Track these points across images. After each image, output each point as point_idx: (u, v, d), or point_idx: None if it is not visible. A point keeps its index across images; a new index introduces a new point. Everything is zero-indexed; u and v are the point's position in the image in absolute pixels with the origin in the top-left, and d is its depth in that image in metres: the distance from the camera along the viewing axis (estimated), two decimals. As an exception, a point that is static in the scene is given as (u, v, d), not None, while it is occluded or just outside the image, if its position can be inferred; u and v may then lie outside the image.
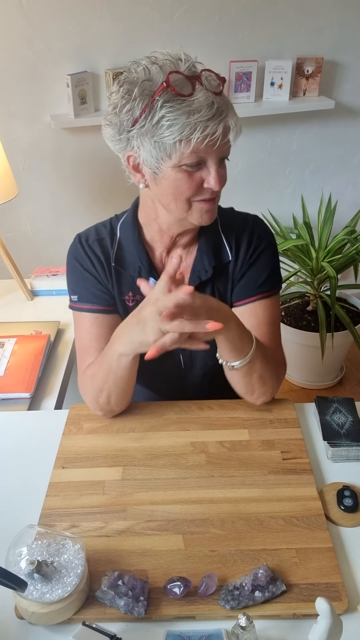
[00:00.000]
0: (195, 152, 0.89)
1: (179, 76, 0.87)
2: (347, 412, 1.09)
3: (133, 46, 2.10)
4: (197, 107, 0.85)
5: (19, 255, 1.82)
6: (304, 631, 0.74)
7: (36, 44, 2.05)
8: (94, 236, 1.10)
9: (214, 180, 0.92)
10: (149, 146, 0.90)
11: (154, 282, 1.04)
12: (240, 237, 1.09)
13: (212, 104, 0.86)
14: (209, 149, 0.89)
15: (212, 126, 0.86)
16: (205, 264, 1.08)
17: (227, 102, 0.89)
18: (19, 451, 1.06)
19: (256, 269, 1.10)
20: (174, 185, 0.94)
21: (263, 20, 2.18)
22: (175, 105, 0.86)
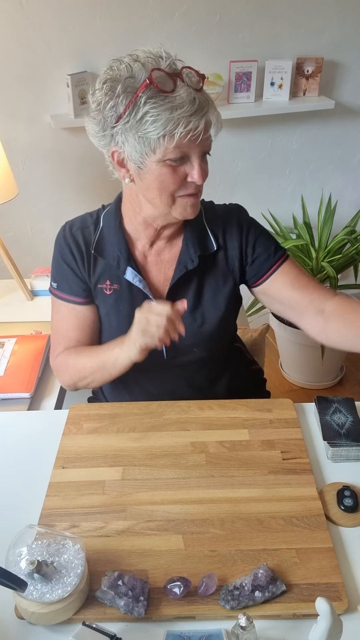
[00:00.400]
0: (178, 147, 0.91)
1: (160, 73, 0.89)
2: (347, 412, 1.09)
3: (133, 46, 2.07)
4: (180, 102, 0.88)
5: (19, 255, 1.82)
6: (304, 631, 0.74)
7: (36, 44, 2.05)
8: (79, 224, 1.14)
9: (197, 174, 0.95)
10: (133, 141, 0.93)
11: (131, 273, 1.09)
12: (227, 226, 1.13)
13: (194, 100, 0.89)
14: (191, 144, 0.92)
15: (195, 121, 0.89)
16: (191, 254, 1.10)
17: (207, 98, 0.92)
18: (19, 451, 1.06)
19: (260, 245, 1.13)
20: (158, 180, 0.96)
21: (263, 20, 2.18)
22: (158, 101, 0.88)
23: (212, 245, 1.12)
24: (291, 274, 1.13)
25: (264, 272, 1.14)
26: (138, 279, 1.09)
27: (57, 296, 1.16)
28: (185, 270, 1.10)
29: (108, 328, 1.16)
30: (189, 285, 1.12)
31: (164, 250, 1.12)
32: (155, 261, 1.13)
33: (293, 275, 1.13)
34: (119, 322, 1.13)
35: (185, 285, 1.12)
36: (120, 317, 1.12)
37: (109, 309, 1.13)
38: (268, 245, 1.14)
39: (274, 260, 1.13)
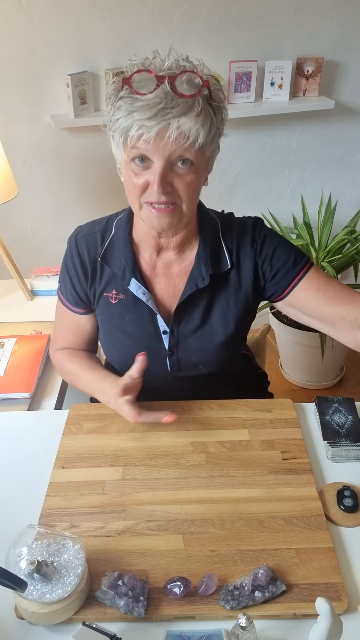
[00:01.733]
0: (136, 149, 0.90)
1: (147, 75, 0.87)
2: (347, 412, 1.09)
3: (133, 46, 2.10)
4: (140, 106, 0.87)
5: (19, 255, 1.82)
6: (304, 631, 0.74)
7: (36, 44, 2.05)
8: (85, 231, 1.13)
9: (155, 183, 0.90)
10: (112, 139, 0.95)
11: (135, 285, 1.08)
12: (241, 243, 1.07)
13: (157, 104, 0.86)
14: (149, 149, 0.89)
15: (148, 126, 0.86)
16: (202, 272, 1.06)
17: (187, 106, 0.87)
18: (19, 451, 1.06)
19: (278, 259, 1.06)
20: (126, 181, 0.97)
21: (263, 20, 2.18)
22: (127, 102, 0.88)
23: (225, 263, 1.06)
24: (315, 285, 1.05)
25: (285, 286, 1.07)
26: (142, 291, 1.07)
27: (59, 298, 1.18)
28: (196, 288, 1.06)
29: (111, 337, 1.14)
30: (199, 302, 1.08)
31: (173, 263, 1.09)
32: (163, 273, 1.09)
33: (318, 286, 1.04)
34: (122, 332, 1.12)
35: (195, 302, 1.08)
36: (124, 327, 1.11)
37: (114, 319, 1.11)
38: (288, 257, 1.06)
39: (294, 273, 1.05)
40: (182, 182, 0.92)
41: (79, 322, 1.18)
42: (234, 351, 1.16)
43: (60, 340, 1.22)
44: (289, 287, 1.07)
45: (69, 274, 1.12)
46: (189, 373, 1.14)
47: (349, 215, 2.54)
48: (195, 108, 0.87)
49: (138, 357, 1.01)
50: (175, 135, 0.87)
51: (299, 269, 1.06)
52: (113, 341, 1.14)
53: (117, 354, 1.16)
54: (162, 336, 1.10)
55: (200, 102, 0.88)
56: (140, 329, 1.10)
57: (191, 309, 1.09)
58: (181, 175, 0.92)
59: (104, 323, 1.14)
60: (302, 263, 1.06)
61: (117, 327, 1.12)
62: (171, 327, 1.09)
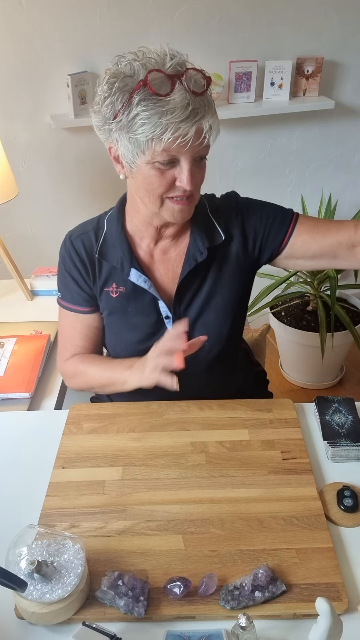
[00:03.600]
0: (166, 151, 0.91)
1: (159, 74, 0.88)
2: (347, 412, 1.09)
3: (133, 46, 2.08)
4: (171, 107, 0.86)
5: (19, 255, 1.82)
6: (304, 631, 0.74)
7: (36, 44, 2.05)
8: (78, 231, 1.14)
9: (186, 179, 0.93)
10: (125, 141, 0.93)
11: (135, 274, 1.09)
12: (227, 216, 1.12)
13: (187, 106, 0.87)
14: (181, 149, 0.90)
15: (184, 128, 0.87)
16: (199, 246, 1.09)
17: (206, 104, 0.90)
18: (19, 451, 1.06)
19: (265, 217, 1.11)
20: (146, 181, 0.96)
21: (263, 20, 2.18)
22: (150, 105, 0.87)
23: (219, 236, 1.11)
24: (307, 228, 1.10)
25: (281, 240, 1.11)
26: (143, 279, 1.09)
27: (62, 305, 1.18)
28: (195, 263, 1.09)
29: (115, 331, 1.15)
30: (197, 280, 1.11)
31: (170, 249, 1.12)
32: (161, 259, 1.12)
33: (310, 228, 1.10)
34: (126, 324, 1.13)
35: (194, 281, 1.11)
36: (127, 319, 1.13)
37: (115, 312, 1.13)
38: (274, 215, 1.11)
39: (285, 225, 1.10)
40: (199, 174, 0.97)
41: (89, 323, 1.17)
42: (235, 325, 1.18)
43: (69, 347, 1.20)
44: (285, 240, 1.11)
45: (71, 275, 1.13)
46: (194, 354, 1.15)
47: (349, 215, 2.54)
48: (212, 105, 0.92)
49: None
50: (209, 135, 0.91)
51: (288, 221, 1.11)
52: (117, 335, 1.15)
53: (122, 347, 1.16)
54: (165, 321, 1.13)
55: (209, 97, 0.92)
56: (143, 318, 1.12)
57: (191, 287, 1.11)
58: (199, 168, 0.97)
59: (107, 318, 1.16)
60: (289, 215, 1.12)
61: (120, 320, 1.13)
62: (173, 309, 1.12)
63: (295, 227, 1.10)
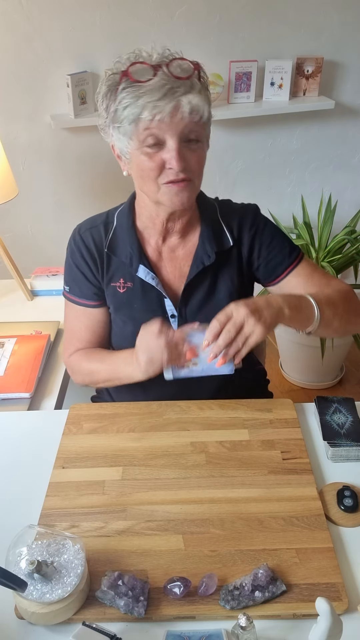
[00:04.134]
0: (149, 130, 0.93)
1: (142, 65, 0.92)
2: (347, 412, 1.09)
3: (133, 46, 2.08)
4: (148, 89, 0.90)
5: (19, 255, 1.82)
6: (304, 631, 0.74)
7: (36, 44, 2.05)
8: (87, 225, 1.15)
9: (173, 159, 0.94)
10: (116, 133, 0.97)
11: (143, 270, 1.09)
12: (242, 222, 1.13)
13: (164, 85, 0.90)
14: (164, 128, 0.92)
15: (161, 105, 0.90)
16: (207, 250, 1.10)
17: (189, 85, 0.92)
18: (19, 451, 1.06)
19: (276, 244, 1.14)
20: (139, 167, 0.98)
21: (263, 20, 2.18)
22: (130, 91, 0.91)
23: (228, 240, 1.12)
24: (305, 273, 1.14)
25: (279, 274, 1.14)
26: (151, 276, 1.10)
27: (69, 299, 1.18)
28: (203, 266, 1.10)
29: (121, 325, 1.16)
30: (204, 282, 1.12)
31: (178, 247, 1.13)
32: (169, 257, 1.13)
33: (307, 274, 1.14)
34: (132, 320, 1.13)
35: (200, 282, 1.12)
36: (133, 315, 1.13)
37: (122, 307, 1.14)
38: (283, 247, 1.14)
39: (288, 262, 1.13)
40: (193, 157, 0.97)
41: (96, 317, 1.18)
42: None
43: (75, 342, 1.20)
44: (283, 275, 1.14)
45: (81, 269, 1.13)
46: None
47: (349, 215, 2.54)
48: (196, 86, 0.93)
49: None
50: (189, 109, 0.91)
51: (292, 259, 1.14)
52: (122, 330, 1.16)
53: (127, 343, 1.16)
54: (170, 320, 1.13)
55: (197, 82, 0.94)
56: (149, 315, 1.12)
57: (197, 289, 1.12)
58: (192, 151, 0.97)
59: (113, 313, 1.16)
60: (295, 254, 1.14)
61: (126, 315, 1.14)
62: (179, 309, 1.12)
63: (295, 268, 1.13)
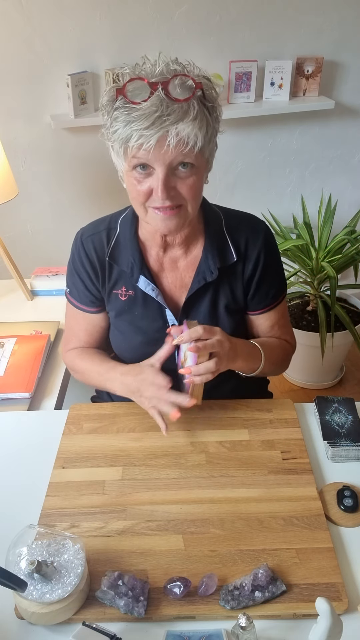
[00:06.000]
0: (136, 158, 0.91)
1: (141, 82, 0.87)
2: (347, 412, 1.09)
3: (133, 46, 2.10)
4: (138, 115, 0.86)
5: (19, 255, 1.82)
6: (304, 631, 0.74)
7: (36, 44, 2.05)
8: (90, 231, 1.13)
9: (159, 189, 0.92)
10: (112, 150, 0.96)
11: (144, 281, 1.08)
12: (251, 240, 1.11)
13: (154, 113, 0.85)
14: (151, 158, 0.89)
15: (147, 135, 0.86)
16: (210, 265, 1.08)
17: (183, 111, 0.87)
18: (19, 451, 1.06)
19: (269, 281, 1.14)
20: (129, 188, 0.97)
21: (263, 20, 2.18)
22: (122, 113, 0.88)
23: (232, 256, 1.09)
24: (272, 319, 1.18)
25: (252, 309, 1.16)
26: (151, 287, 1.08)
27: (70, 301, 1.19)
28: (205, 282, 1.08)
29: (120, 330, 1.16)
30: (206, 294, 1.11)
31: (179, 258, 1.11)
32: (170, 268, 1.12)
33: (272, 321, 1.18)
34: (133, 327, 1.13)
35: (202, 295, 1.11)
36: (133, 323, 1.13)
37: (122, 314, 1.13)
38: (272, 286, 1.15)
39: (266, 303, 1.16)
40: (184, 185, 0.93)
41: (94, 321, 1.18)
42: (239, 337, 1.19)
43: (73, 340, 1.22)
44: (257, 312, 1.17)
45: (80, 276, 1.13)
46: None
47: (349, 215, 2.54)
48: (191, 112, 0.88)
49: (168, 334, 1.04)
50: (175, 142, 0.87)
51: (273, 300, 1.16)
52: (123, 335, 1.16)
53: (127, 347, 1.17)
54: None
55: (195, 105, 0.88)
56: (150, 323, 1.12)
57: (199, 301, 1.11)
58: (183, 179, 0.93)
59: (114, 319, 1.16)
60: (278, 296, 1.17)
61: (127, 321, 1.14)
62: (180, 320, 1.12)
63: (273, 309, 1.17)
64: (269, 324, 1.18)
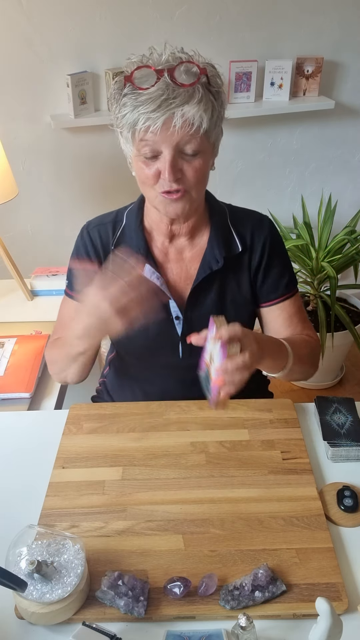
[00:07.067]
0: (144, 141, 0.93)
1: (147, 70, 0.90)
2: (347, 412, 1.09)
3: (133, 46, 2.10)
4: (145, 99, 0.89)
5: (19, 255, 1.82)
6: (304, 631, 0.74)
7: (36, 44, 2.05)
8: (96, 222, 1.15)
9: (166, 171, 0.94)
10: (120, 136, 0.98)
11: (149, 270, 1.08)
12: (256, 232, 1.12)
13: (160, 96, 0.88)
14: (159, 140, 0.92)
15: (154, 118, 0.89)
16: (216, 254, 1.09)
17: (188, 94, 0.90)
18: (19, 451, 1.06)
19: (278, 271, 1.14)
20: (138, 173, 0.99)
21: (263, 20, 2.18)
22: (130, 98, 0.91)
23: (237, 246, 1.11)
24: (288, 312, 1.16)
25: (264, 300, 1.16)
26: (156, 276, 1.09)
27: (68, 295, 1.18)
28: (210, 271, 1.09)
29: None
30: (211, 287, 1.12)
31: (185, 249, 1.12)
32: (176, 259, 1.13)
33: (289, 313, 1.16)
34: None
35: (207, 287, 1.11)
36: None
37: None
38: (283, 275, 1.14)
39: (279, 293, 1.15)
40: (191, 168, 0.96)
41: None
42: None
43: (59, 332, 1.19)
44: (268, 303, 1.16)
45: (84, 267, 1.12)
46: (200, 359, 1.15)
47: (349, 215, 2.54)
48: (197, 95, 0.91)
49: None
50: (181, 123, 0.90)
51: (285, 291, 1.15)
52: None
53: (128, 342, 1.16)
54: (175, 322, 1.13)
55: (200, 89, 0.91)
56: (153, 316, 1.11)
57: (204, 293, 1.12)
58: (190, 162, 0.96)
59: None
60: (289, 288, 1.16)
61: None
62: (184, 312, 1.12)
63: (286, 300, 1.15)
64: (285, 316, 1.16)
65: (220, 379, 0.85)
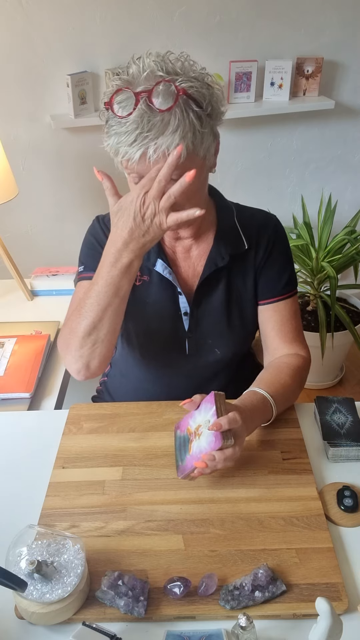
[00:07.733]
0: (128, 169, 0.93)
1: (127, 93, 0.88)
2: (347, 412, 1.09)
3: (133, 46, 2.10)
4: (123, 131, 0.88)
5: (19, 255, 1.82)
6: (304, 631, 0.74)
7: (36, 44, 2.05)
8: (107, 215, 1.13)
9: None
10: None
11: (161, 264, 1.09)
12: (262, 230, 1.14)
13: (135, 129, 0.87)
14: (140, 170, 0.92)
15: (130, 153, 0.89)
16: (222, 251, 1.10)
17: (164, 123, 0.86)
18: (19, 451, 1.06)
19: (278, 268, 1.15)
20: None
21: (263, 20, 2.18)
22: (112, 125, 0.91)
23: (242, 244, 1.12)
24: (281, 315, 1.15)
25: (260, 298, 1.15)
26: (168, 271, 1.10)
27: (81, 278, 1.13)
28: (215, 267, 1.10)
29: (132, 316, 1.15)
30: (218, 284, 1.13)
31: (191, 247, 1.13)
32: (184, 257, 1.14)
33: (282, 317, 1.15)
34: (144, 313, 1.14)
35: (214, 284, 1.13)
36: (146, 309, 1.14)
37: (137, 299, 1.14)
38: (282, 274, 1.14)
39: (276, 292, 1.14)
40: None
41: None
42: (248, 335, 1.21)
43: None
44: (265, 301, 1.15)
45: (100, 244, 1.11)
46: (205, 356, 1.18)
47: (349, 215, 2.54)
48: (172, 123, 0.87)
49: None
50: (154, 157, 0.89)
51: (283, 291, 1.15)
52: (134, 321, 1.16)
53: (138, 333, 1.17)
54: (183, 317, 1.14)
55: (177, 113, 0.87)
56: (162, 310, 1.14)
57: (211, 290, 1.13)
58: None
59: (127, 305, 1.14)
60: (287, 289, 1.15)
61: (139, 308, 1.14)
62: (192, 308, 1.13)
63: (280, 301, 1.15)
64: (278, 318, 1.15)
65: (203, 462, 0.86)
